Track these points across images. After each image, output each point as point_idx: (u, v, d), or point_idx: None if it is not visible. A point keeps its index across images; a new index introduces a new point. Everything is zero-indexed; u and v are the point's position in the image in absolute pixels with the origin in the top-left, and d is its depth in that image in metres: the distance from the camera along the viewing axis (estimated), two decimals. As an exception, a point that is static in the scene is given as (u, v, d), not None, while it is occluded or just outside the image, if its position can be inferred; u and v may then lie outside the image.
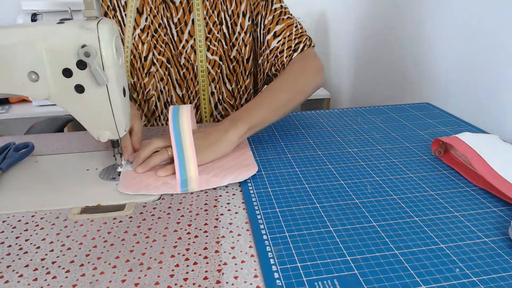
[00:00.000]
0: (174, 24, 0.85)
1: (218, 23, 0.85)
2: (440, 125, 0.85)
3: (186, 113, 0.63)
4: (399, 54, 1.24)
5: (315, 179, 0.63)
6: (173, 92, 0.90)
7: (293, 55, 0.82)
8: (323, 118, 0.90)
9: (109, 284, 0.43)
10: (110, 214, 0.55)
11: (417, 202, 0.57)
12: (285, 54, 0.82)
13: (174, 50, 0.86)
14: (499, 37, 0.83)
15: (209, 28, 0.85)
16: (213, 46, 0.86)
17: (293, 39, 0.82)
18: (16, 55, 0.52)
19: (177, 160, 0.62)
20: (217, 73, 0.88)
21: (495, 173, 0.60)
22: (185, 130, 0.62)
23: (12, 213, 0.56)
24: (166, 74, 0.88)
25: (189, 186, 0.60)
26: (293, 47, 0.82)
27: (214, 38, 0.86)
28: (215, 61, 0.87)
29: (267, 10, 0.85)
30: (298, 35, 0.84)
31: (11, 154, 0.70)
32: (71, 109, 0.57)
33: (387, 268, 0.44)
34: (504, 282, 0.42)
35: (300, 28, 0.86)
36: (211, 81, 0.89)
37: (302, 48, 0.83)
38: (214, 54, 0.86)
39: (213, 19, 0.85)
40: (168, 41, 0.85)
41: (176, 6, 0.84)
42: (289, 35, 0.83)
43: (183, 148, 0.62)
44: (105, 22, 0.54)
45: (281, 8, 0.86)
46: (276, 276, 0.43)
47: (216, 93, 0.91)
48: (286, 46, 0.82)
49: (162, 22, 0.84)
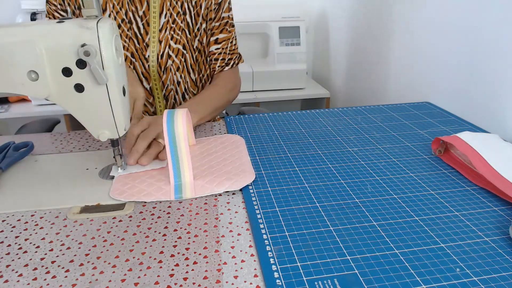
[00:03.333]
0: (140, 17, 0.87)
1: (182, 13, 0.89)
2: (440, 124, 0.85)
3: (181, 117, 0.61)
4: (399, 53, 1.24)
5: (315, 179, 0.63)
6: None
7: (225, 68, 0.97)
8: (323, 117, 0.90)
9: (109, 283, 0.43)
10: (109, 214, 0.55)
11: (417, 202, 0.57)
12: (218, 63, 0.96)
13: (139, 44, 0.88)
14: (499, 36, 0.82)
15: (173, 18, 0.88)
16: (176, 35, 0.89)
17: (228, 53, 0.97)
18: (16, 54, 0.52)
19: (171, 165, 0.60)
20: (181, 62, 0.91)
21: (495, 172, 0.59)
22: (179, 134, 0.60)
23: (11, 213, 0.56)
24: (131, 68, 0.89)
25: (184, 193, 0.59)
26: (226, 61, 0.97)
27: (178, 28, 0.89)
28: (178, 49, 0.90)
29: (216, 14, 0.93)
30: (231, 52, 0.98)
31: (10, 153, 0.70)
32: (70, 108, 0.57)
33: (387, 268, 0.44)
34: (505, 282, 0.42)
35: (234, 44, 0.99)
36: (176, 70, 0.91)
37: (232, 64, 0.98)
38: (178, 43, 0.90)
39: (176, 9, 0.88)
40: (132, 35, 0.87)
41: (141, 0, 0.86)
42: (226, 48, 0.96)
43: (177, 152, 0.60)
44: (105, 21, 0.54)
45: (228, 18, 0.95)
46: (276, 275, 0.43)
47: (182, 83, 0.94)
48: (221, 57, 0.96)
49: (126, 17, 0.86)
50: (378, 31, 1.37)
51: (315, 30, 2.06)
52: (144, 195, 0.58)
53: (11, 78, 0.53)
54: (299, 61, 1.79)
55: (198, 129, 0.85)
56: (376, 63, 1.41)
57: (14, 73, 0.53)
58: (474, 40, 0.90)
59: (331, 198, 0.58)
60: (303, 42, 1.78)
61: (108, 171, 0.65)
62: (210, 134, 0.83)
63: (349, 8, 1.62)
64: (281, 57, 1.77)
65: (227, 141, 0.76)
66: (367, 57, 1.49)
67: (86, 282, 0.43)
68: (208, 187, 0.60)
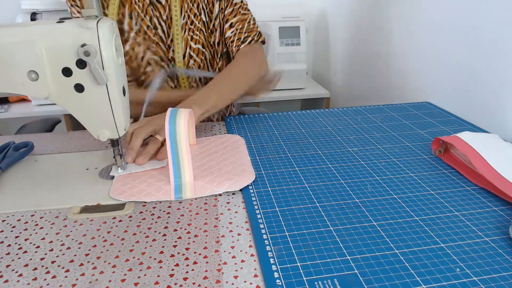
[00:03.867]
0: (164, 21, 0.90)
1: (198, 13, 0.91)
2: (440, 124, 0.85)
3: (183, 117, 0.60)
4: (399, 53, 1.24)
5: (315, 179, 0.63)
6: (166, 84, 0.95)
7: (241, 46, 0.93)
8: (323, 117, 0.90)
9: (109, 283, 0.43)
10: (109, 214, 0.55)
11: (417, 202, 0.57)
12: (234, 44, 0.93)
13: (165, 47, 0.91)
14: (499, 36, 0.82)
15: (191, 19, 0.91)
16: (195, 36, 0.92)
17: (243, 32, 0.93)
18: (16, 54, 0.52)
19: (172, 164, 0.60)
20: (202, 60, 0.94)
21: (495, 172, 0.59)
22: (181, 134, 0.59)
23: (11, 213, 0.56)
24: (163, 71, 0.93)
25: (184, 193, 0.59)
26: (242, 39, 0.93)
27: (196, 28, 0.91)
28: (198, 49, 0.92)
29: (228, 2, 0.93)
30: (249, 30, 0.94)
31: (10, 153, 0.70)
32: (70, 108, 0.57)
33: (387, 268, 0.44)
34: (505, 282, 0.42)
35: (252, 24, 0.95)
36: (197, 68, 0.94)
37: (249, 41, 0.93)
38: (197, 43, 0.92)
39: (193, 11, 0.91)
40: (159, 40, 0.91)
41: (163, 5, 0.89)
42: (241, 28, 0.93)
43: (178, 152, 0.59)
44: (105, 21, 0.54)
45: (241, 3, 0.95)
46: (276, 275, 0.43)
47: (203, 79, 0.96)
48: (236, 37, 0.93)
49: (151, 23, 0.89)
50: (378, 31, 1.37)
51: (315, 30, 2.06)
52: (144, 195, 0.58)
53: (11, 78, 0.53)
54: (299, 61, 1.79)
55: (198, 129, 0.85)
56: (376, 63, 1.41)
57: (14, 73, 0.53)
58: (474, 40, 0.90)
59: (331, 198, 0.58)
60: (303, 42, 1.78)
61: (108, 171, 0.65)
62: (210, 134, 0.83)
63: (349, 8, 1.62)
64: (281, 57, 1.77)
65: (227, 141, 0.76)
66: (367, 57, 1.49)
67: (86, 282, 0.43)
68: (208, 187, 0.60)
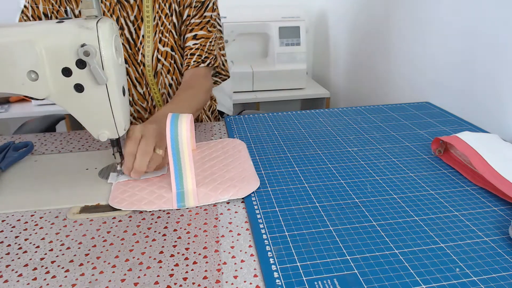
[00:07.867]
0: (131, 22, 0.86)
1: (170, 14, 0.88)
2: (440, 124, 0.85)
3: (185, 122, 0.58)
4: (399, 53, 1.24)
5: (315, 179, 0.63)
6: (134, 91, 0.91)
7: (201, 64, 0.90)
8: (323, 117, 0.90)
9: (109, 283, 0.43)
10: (109, 214, 0.55)
11: (417, 202, 0.57)
12: (195, 58, 0.90)
13: (131, 49, 0.88)
14: (499, 36, 0.82)
15: (161, 20, 0.88)
16: (164, 38, 0.89)
17: (205, 51, 0.91)
18: (16, 54, 0.52)
19: (174, 172, 0.57)
20: (171, 64, 0.91)
21: (495, 172, 0.59)
22: (183, 141, 0.57)
23: (11, 213, 0.56)
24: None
25: (186, 202, 0.57)
26: (202, 58, 0.91)
27: (165, 30, 0.88)
28: (167, 52, 0.89)
29: (198, 12, 0.89)
30: (209, 51, 0.92)
31: (10, 153, 0.70)
32: (70, 108, 0.57)
33: (387, 268, 0.44)
34: (504, 282, 0.42)
35: (212, 45, 0.93)
36: (166, 73, 0.91)
37: (207, 63, 0.91)
38: (166, 45, 0.89)
39: (165, 11, 0.88)
40: (124, 41, 0.87)
41: (131, 4, 0.85)
42: (203, 46, 0.90)
43: (180, 159, 0.57)
44: (104, 21, 0.54)
45: (210, 18, 0.91)
46: (275, 275, 0.43)
47: (174, 84, 0.93)
48: (198, 53, 0.90)
49: (118, 24, 0.86)
50: (378, 31, 1.37)
51: (315, 30, 2.06)
52: (145, 203, 0.57)
53: (11, 78, 0.53)
54: (299, 61, 1.79)
55: (198, 130, 0.85)
56: (376, 63, 1.41)
57: (14, 73, 0.53)
58: (474, 40, 0.90)
59: (330, 198, 0.58)
60: (303, 42, 1.78)
61: (108, 171, 0.65)
62: (209, 134, 0.82)
63: (349, 8, 1.62)
64: (281, 57, 1.77)
65: (228, 145, 0.74)
66: (367, 57, 1.49)
67: (86, 282, 0.43)
68: (212, 194, 0.58)
